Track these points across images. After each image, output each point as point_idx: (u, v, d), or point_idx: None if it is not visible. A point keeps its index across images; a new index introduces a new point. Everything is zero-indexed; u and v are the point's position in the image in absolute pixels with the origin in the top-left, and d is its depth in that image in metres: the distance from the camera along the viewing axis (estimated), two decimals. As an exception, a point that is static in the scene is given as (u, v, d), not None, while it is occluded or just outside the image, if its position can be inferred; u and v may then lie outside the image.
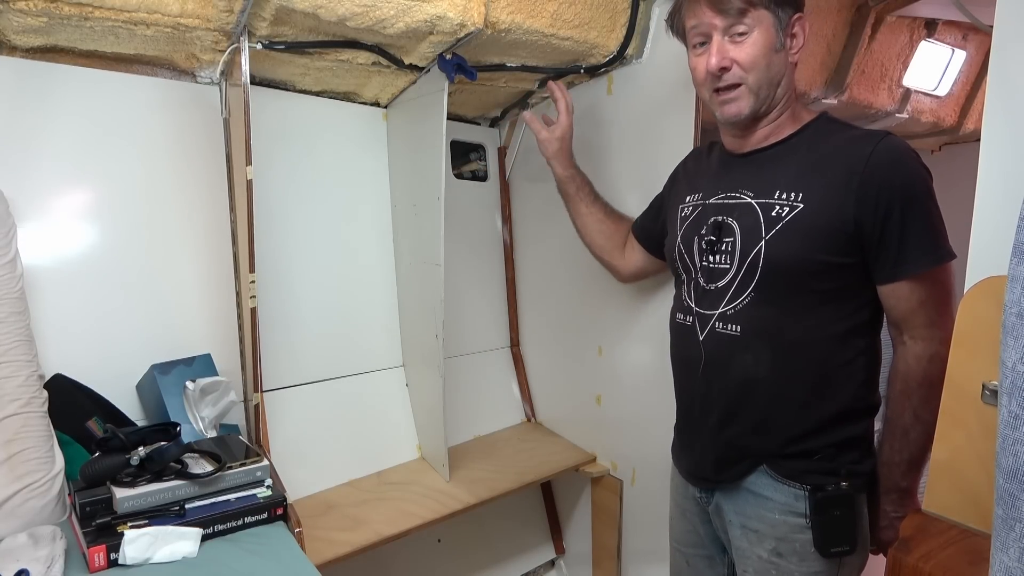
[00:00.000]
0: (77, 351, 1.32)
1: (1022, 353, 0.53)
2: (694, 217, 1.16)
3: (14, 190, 1.22)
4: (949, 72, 2.24)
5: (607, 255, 1.50)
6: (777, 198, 1.03)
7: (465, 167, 2.06)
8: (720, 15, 1.02)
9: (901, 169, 0.97)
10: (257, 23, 1.26)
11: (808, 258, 1.00)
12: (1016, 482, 0.53)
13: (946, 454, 0.77)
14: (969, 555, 0.72)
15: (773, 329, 1.04)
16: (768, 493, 1.08)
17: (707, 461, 1.15)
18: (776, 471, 1.07)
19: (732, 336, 1.07)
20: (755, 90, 1.02)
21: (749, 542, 1.10)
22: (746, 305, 1.05)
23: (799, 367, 1.04)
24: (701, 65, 1.05)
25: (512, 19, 1.35)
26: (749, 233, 1.04)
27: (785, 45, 1.04)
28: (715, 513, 1.18)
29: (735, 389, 1.08)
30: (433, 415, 1.68)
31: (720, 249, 1.08)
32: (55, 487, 1.12)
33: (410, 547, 1.77)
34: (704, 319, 1.11)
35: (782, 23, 1.03)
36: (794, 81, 1.08)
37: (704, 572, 1.26)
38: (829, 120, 1.09)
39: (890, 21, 1.96)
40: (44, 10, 1.11)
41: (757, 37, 1.01)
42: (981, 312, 0.73)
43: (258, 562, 1.07)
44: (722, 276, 1.07)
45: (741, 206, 1.07)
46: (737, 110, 1.04)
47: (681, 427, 1.24)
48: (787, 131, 1.08)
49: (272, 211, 1.55)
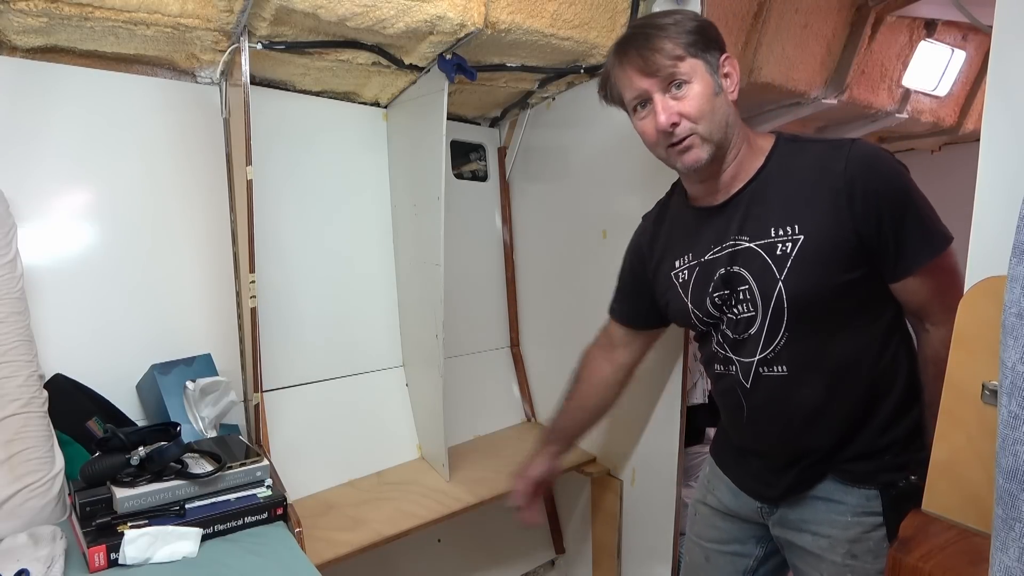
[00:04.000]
0: (77, 351, 1.32)
1: (1022, 353, 0.53)
2: (696, 278, 1.12)
3: (14, 190, 1.22)
4: (949, 72, 2.24)
5: (617, 394, 1.40)
6: (775, 236, 1.01)
7: (465, 167, 2.06)
8: (653, 78, 1.01)
9: (877, 173, 0.97)
10: (257, 23, 1.26)
11: (829, 284, 0.99)
12: (1016, 482, 0.53)
13: (946, 454, 0.77)
14: (969, 555, 0.72)
15: (819, 358, 1.03)
16: (839, 497, 1.07)
17: (773, 486, 1.13)
18: (846, 478, 1.06)
19: (781, 376, 1.05)
20: (708, 136, 1.01)
21: (821, 548, 1.08)
22: (784, 345, 1.04)
23: (853, 382, 1.04)
24: (649, 127, 1.04)
25: (512, 19, 1.35)
26: (762, 277, 1.03)
27: (723, 87, 1.03)
28: (778, 523, 1.16)
29: (798, 425, 1.07)
30: (433, 415, 1.68)
31: (738, 299, 1.06)
32: (55, 487, 1.12)
33: (410, 547, 1.77)
34: (746, 367, 1.09)
35: (713, 67, 1.02)
36: (738, 115, 1.07)
37: (724, 568, 1.25)
38: (787, 141, 1.07)
39: (890, 21, 1.96)
40: (44, 10, 1.11)
41: (696, 88, 1.00)
42: (981, 312, 0.73)
43: (258, 562, 1.07)
44: (750, 324, 1.06)
45: (743, 252, 1.05)
46: (696, 157, 1.02)
47: (737, 449, 1.21)
48: (753, 165, 1.06)
49: (272, 211, 1.55)
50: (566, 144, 1.85)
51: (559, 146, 1.88)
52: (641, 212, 1.46)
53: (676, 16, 1.04)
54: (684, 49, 1.00)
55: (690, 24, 1.02)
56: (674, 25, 1.02)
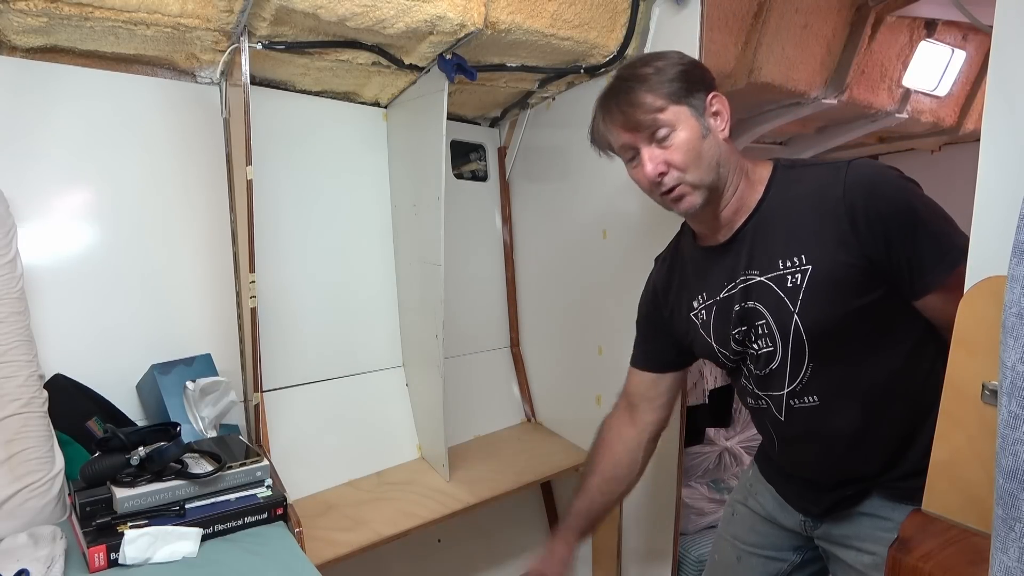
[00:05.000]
0: (77, 351, 1.32)
1: (1022, 353, 0.53)
2: (715, 317, 1.11)
3: (14, 190, 1.22)
4: (949, 72, 2.24)
5: (643, 461, 1.30)
6: (784, 268, 1.00)
7: (465, 167, 2.06)
8: (636, 132, 1.01)
9: (878, 196, 0.95)
10: (257, 23, 1.26)
11: (844, 310, 0.97)
12: (1016, 482, 0.53)
13: (946, 454, 0.77)
14: (969, 555, 0.72)
15: (849, 385, 1.02)
16: (885, 514, 1.05)
17: (817, 504, 1.12)
18: (893, 495, 1.05)
19: (813, 407, 1.04)
20: (698, 183, 1.00)
21: (864, 566, 1.07)
22: (811, 376, 1.02)
23: (891, 403, 1.02)
24: (641, 176, 1.04)
25: (512, 19, 1.35)
26: (777, 311, 1.01)
27: (711, 128, 1.02)
28: (823, 537, 1.15)
29: (840, 452, 1.06)
30: (433, 415, 1.68)
31: (757, 334, 1.05)
32: (55, 487, 1.12)
33: (410, 547, 1.77)
34: (776, 400, 1.08)
35: (699, 111, 1.01)
36: (734, 149, 1.06)
37: (755, 570, 1.24)
38: (786, 168, 1.06)
39: (890, 21, 1.96)
40: (44, 10, 1.11)
41: (681, 135, 0.99)
42: (981, 312, 0.73)
43: (258, 562, 1.07)
44: (771, 359, 1.04)
45: (755, 286, 1.04)
46: (689, 204, 1.02)
47: (777, 465, 1.20)
48: (753, 199, 1.05)
49: (272, 211, 1.55)
50: (566, 144, 1.85)
51: (559, 146, 1.88)
52: (641, 212, 1.46)
53: (658, 63, 1.02)
54: (666, 98, 0.99)
55: (672, 71, 1.01)
56: (655, 74, 1.00)
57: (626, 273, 1.69)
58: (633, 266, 1.66)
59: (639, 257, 1.63)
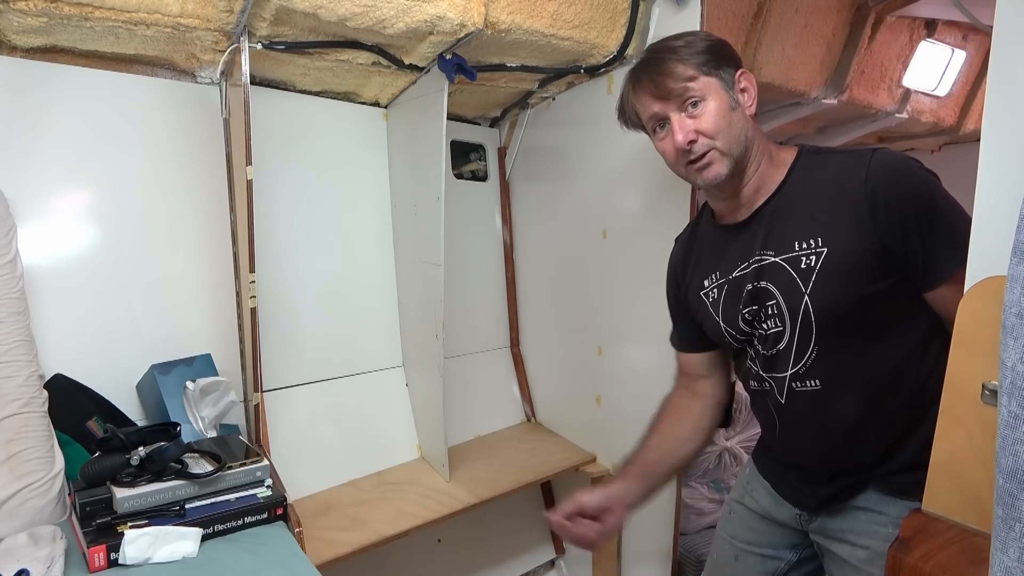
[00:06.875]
0: (77, 351, 1.32)
1: (1022, 353, 0.53)
2: (725, 296, 1.12)
3: (14, 190, 1.22)
4: (949, 72, 2.24)
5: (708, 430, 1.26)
6: (799, 250, 1.01)
7: (465, 167, 2.06)
8: (668, 100, 1.03)
9: (899, 184, 0.96)
10: (257, 23, 1.26)
11: (855, 296, 0.98)
12: (1016, 482, 0.53)
13: (946, 454, 0.77)
14: (969, 555, 0.72)
15: (853, 371, 1.02)
16: (880, 508, 1.05)
17: (812, 496, 1.13)
18: (889, 489, 1.05)
19: (815, 391, 1.04)
20: (727, 151, 1.02)
21: (859, 560, 1.07)
22: (815, 359, 1.03)
23: (893, 394, 1.02)
24: (669, 146, 1.05)
25: (512, 19, 1.35)
26: (789, 291, 1.02)
27: (739, 102, 1.04)
28: (817, 531, 1.15)
29: (838, 439, 1.06)
30: (433, 415, 1.68)
31: (767, 314, 1.06)
32: (55, 487, 1.12)
33: (410, 547, 1.77)
34: (779, 382, 1.08)
35: (728, 84, 1.03)
36: (759, 129, 1.07)
37: (753, 568, 1.24)
38: (810, 153, 1.07)
39: (890, 21, 1.96)
40: (44, 10, 1.11)
41: (711, 104, 1.01)
42: (981, 312, 0.73)
43: (258, 562, 1.07)
44: (779, 339, 1.05)
45: (769, 266, 1.04)
46: (716, 173, 1.03)
47: (776, 460, 1.21)
48: (775, 179, 1.06)
49: (272, 211, 1.55)
50: (566, 144, 1.85)
51: (559, 146, 1.88)
52: (641, 212, 1.46)
53: (687, 38, 1.06)
54: (696, 68, 1.01)
55: (701, 44, 1.04)
56: (685, 47, 1.03)
57: (626, 273, 1.70)
58: (633, 266, 1.66)
59: (639, 257, 1.64)
